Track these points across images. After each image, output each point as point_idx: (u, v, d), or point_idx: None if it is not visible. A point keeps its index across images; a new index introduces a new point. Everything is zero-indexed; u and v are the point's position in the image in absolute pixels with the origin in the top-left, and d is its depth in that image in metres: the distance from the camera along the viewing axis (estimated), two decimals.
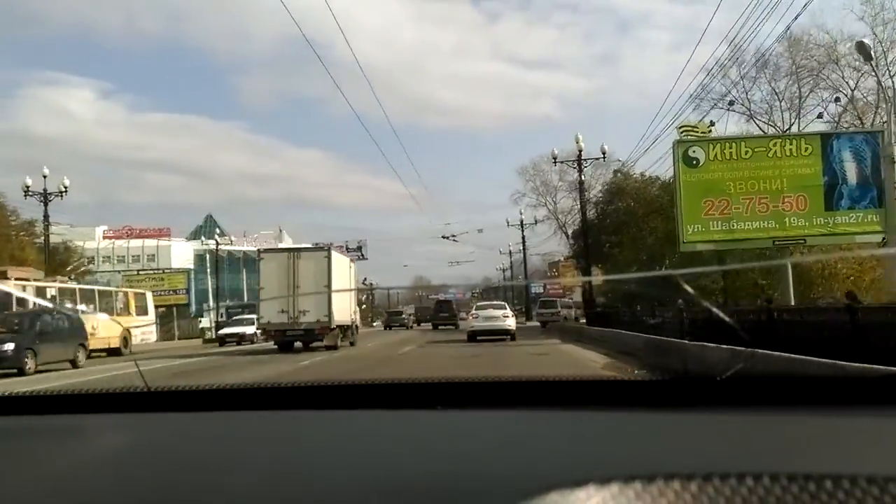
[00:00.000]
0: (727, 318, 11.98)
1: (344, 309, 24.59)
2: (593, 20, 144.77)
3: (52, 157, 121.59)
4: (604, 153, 31.83)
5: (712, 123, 26.29)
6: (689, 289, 2.12)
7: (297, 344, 22.99)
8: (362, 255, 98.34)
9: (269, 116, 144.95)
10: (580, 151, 30.96)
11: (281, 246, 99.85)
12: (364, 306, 53.47)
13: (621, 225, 28.89)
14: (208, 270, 75.88)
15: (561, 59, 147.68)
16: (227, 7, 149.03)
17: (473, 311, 25.75)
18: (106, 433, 1.40)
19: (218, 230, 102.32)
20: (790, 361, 8.24)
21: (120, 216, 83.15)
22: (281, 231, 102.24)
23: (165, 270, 64.33)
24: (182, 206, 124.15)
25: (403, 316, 58.80)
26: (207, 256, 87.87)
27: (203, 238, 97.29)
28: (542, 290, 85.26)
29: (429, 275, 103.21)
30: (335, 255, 24.83)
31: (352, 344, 25.30)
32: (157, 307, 51.52)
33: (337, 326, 23.04)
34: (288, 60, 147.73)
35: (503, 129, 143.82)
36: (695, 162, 17.51)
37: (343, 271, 25.28)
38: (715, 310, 12.88)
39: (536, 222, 62.45)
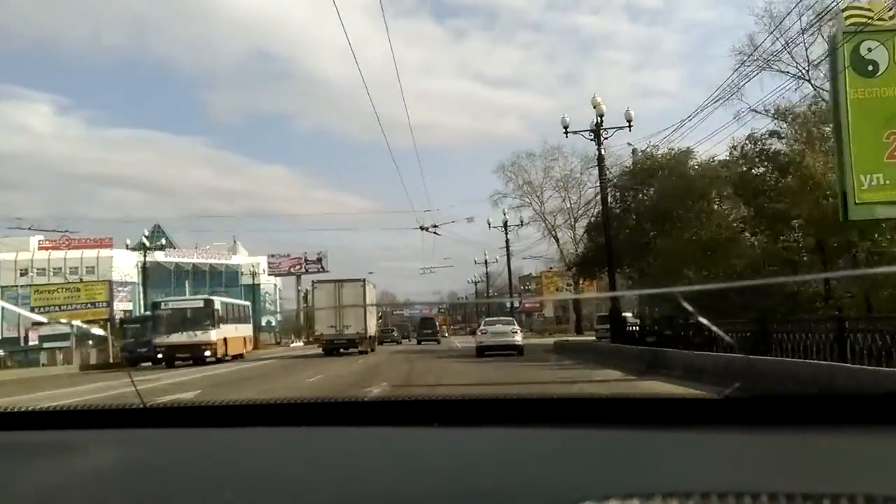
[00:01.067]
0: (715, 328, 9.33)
1: (372, 324, 34.11)
2: (556, 40, 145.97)
3: (8, 171, 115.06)
4: (629, 121, 23.86)
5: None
6: (688, 307, 1.54)
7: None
8: (322, 267, 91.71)
9: (233, 132, 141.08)
10: (600, 117, 23.00)
11: (235, 258, 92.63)
12: (381, 320, 49.94)
13: (657, 214, 21.95)
14: (145, 283, 67.79)
15: (526, 78, 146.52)
16: (192, 22, 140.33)
17: (482, 327, 25.63)
18: (101, 449, 1.39)
19: (157, 239, 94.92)
20: (793, 365, 8.35)
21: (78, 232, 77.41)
22: (236, 243, 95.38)
23: (82, 280, 56.62)
24: (143, 222, 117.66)
25: (394, 333, 58.56)
26: (136, 266, 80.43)
27: (127, 245, 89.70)
28: (517, 305, 79.17)
29: (393, 290, 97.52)
30: (368, 285, 33.89)
31: (372, 350, 32.03)
32: (69, 323, 44.34)
33: (368, 337, 31.74)
34: (253, 76, 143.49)
35: (470, 146, 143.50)
36: (871, 68, 10.56)
37: (371, 296, 34.27)
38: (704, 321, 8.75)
39: (522, 224, 55.98)
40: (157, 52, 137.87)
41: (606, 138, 24.09)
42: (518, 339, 24.36)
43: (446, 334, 65.63)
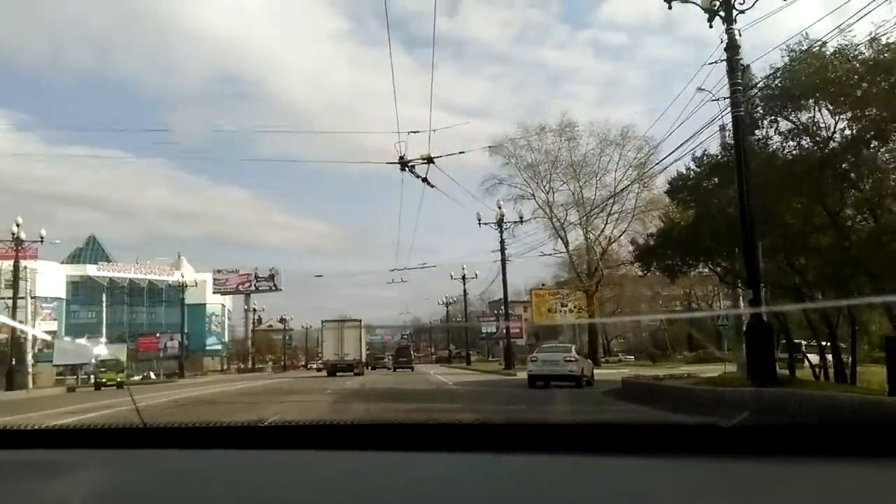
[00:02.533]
0: None
1: (364, 352, 43.74)
2: (523, 73, 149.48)
3: None
4: None
5: None
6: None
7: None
8: (275, 284, 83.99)
9: (194, 153, 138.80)
10: None
11: (178, 274, 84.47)
12: (368, 350, 55.70)
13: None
14: (15, 290, 59.86)
15: (493, 108, 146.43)
16: (157, 41, 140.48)
17: (533, 354, 23.30)
18: (101, 469, 1.39)
19: (91, 251, 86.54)
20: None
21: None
22: (180, 258, 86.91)
23: None
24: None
25: (386, 360, 59.72)
26: (67, 279, 72.64)
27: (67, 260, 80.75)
28: (494, 331, 72.95)
29: (352, 314, 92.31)
30: (363, 324, 45.80)
31: (362, 373, 38.61)
32: None
33: (362, 362, 41.39)
34: (216, 97, 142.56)
35: (436, 173, 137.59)
36: None
37: (364, 333, 44.59)
38: None
39: (522, 220, 43.02)
40: (121, 70, 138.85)
41: (742, 12, 12.92)
42: (573, 367, 20.78)
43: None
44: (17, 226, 34.52)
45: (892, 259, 8.97)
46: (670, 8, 13.66)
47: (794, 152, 13.12)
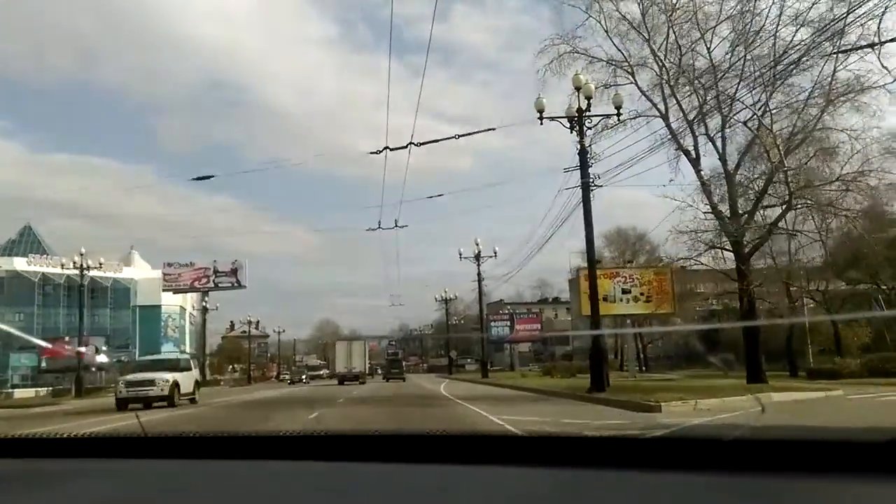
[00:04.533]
0: None
1: (366, 365, 52.54)
2: (513, 81, 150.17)
3: None
4: None
5: None
6: None
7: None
8: (238, 281, 71.51)
9: (181, 160, 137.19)
10: None
11: (128, 271, 72.38)
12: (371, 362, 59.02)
13: None
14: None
15: (481, 116, 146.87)
16: (144, 47, 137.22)
17: None
18: (101, 479, 1.38)
19: (27, 242, 74.07)
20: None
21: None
22: (131, 252, 74.67)
23: None
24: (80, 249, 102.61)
25: (395, 370, 56.44)
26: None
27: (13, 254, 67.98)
28: (508, 333, 63.37)
29: (337, 322, 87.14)
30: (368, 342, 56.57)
31: (364, 382, 45.68)
32: None
33: (366, 373, 50.23)
34: (203, 104, 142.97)
35: (423, 181, 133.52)
36: None
37: (368, 349, 54.66)
38: None
39: (619, 116, 21.25)
40: (107, 77, 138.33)
41: None
42: None
43: None
44: None
45: None
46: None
47: None
